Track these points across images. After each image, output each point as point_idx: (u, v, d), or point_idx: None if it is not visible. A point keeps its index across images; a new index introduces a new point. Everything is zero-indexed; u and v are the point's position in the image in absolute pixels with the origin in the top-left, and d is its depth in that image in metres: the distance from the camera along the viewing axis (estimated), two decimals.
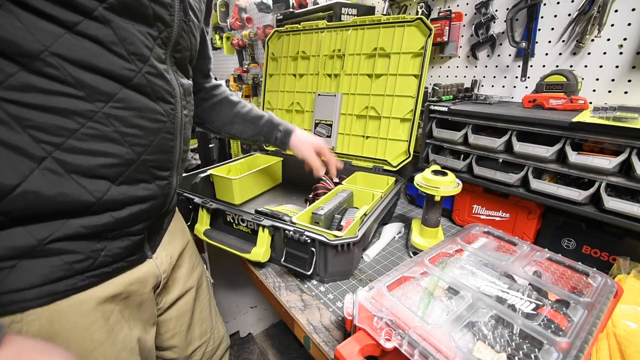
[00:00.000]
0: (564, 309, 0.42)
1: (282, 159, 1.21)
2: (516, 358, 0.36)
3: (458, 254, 0.57)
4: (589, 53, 0.83)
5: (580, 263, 0.52)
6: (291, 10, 1.54)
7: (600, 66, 0.81)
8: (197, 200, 0.82)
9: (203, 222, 0.82)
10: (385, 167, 1.00)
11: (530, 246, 0.57)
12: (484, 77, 1.06)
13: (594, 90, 0.83)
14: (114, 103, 0.42)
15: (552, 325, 0.40)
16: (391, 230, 0.87)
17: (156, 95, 0.46)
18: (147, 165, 0.47)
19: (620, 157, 0.59)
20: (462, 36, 1.08)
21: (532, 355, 0.35)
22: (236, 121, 0.83)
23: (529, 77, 0.94)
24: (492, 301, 0.43)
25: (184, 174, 1.01)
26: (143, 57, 0.43)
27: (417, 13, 1.12)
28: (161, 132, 0.48)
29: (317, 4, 1.46)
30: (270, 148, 1.26)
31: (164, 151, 0.50)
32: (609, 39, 0.79)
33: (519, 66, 0.96)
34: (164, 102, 0.48)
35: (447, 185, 0.71)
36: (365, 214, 0.74)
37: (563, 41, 0.86)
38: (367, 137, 1.05)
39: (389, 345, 0.38)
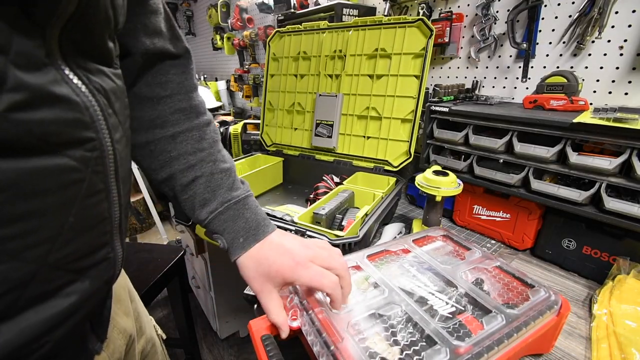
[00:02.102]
0: (485, 316, 0.42)
1: (282, 159, 1.21)
2: (404, 353, 0.37)
3: (403, 253, 0.57)
4: (589, 54, 0.83)
5: (531, 277, 0.51)
6: (292, 10, 1.54)
7: (601, 67, 0.81)
8: None
9: None
10: (386, 168, 1.00)
11: (484, 254, 0.57)
12: (485, 77, 1.06)
13: (595, 92, 0.83)
14: None
15: (462, 330, 0.40)
16: (392, 231, 0.87)
17: (50, 140, 0.24)
18: (60, 264, 0.27)
19: (620, 158, 0.59)
20: (463, 37, 1.08)
21: (422, 353, 0.36)
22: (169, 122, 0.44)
23: (529, 78, 0.95)
24: (409, 300, 0.44)
25: None
26: None
27: (418, 14, 1.13)
28: (77, 199, 0.27)
29: (319, 4, 1.46)
30: (272, 148, 1.26)
31: (91, 225, 0.30)
32: (609, 41, 0.79)
33: (519, 67, 0.96)
34: (72, 145, 0.26)
35: (448, 186, 0.71)
36: (366, 214, 0.74)
37: (564, 42, 0.87)
38: (368, 137, 1.05)
39: (294, 324, 0.40)
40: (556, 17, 0.87)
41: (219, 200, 0.45)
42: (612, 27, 0.78)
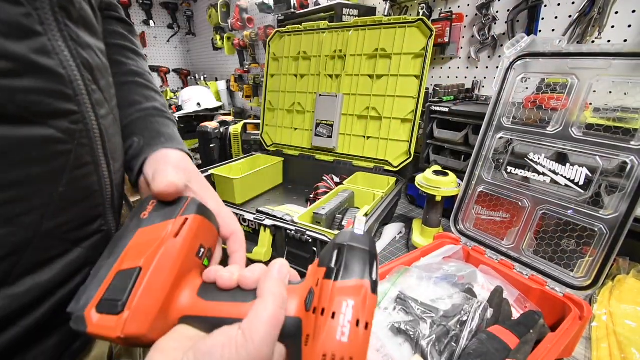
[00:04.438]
0: (515, 326, 0.41)
1: (282, 159, 1.22)
2: None
3: (417, 262, 0.55)
4: None
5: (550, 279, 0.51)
6: (292, 10, 1.55)
7: None
8: None
9: None
10: (386, 168, 1.00)
11: (495, 257, 0.56)
12: (485, 78, 1.06)
13: (594, 91, 0.83)
14: None
15: (497, 344, 0.38)
16: (392, 231, 0.87)
17: (34, 109, 0.25)
18: (56, 233, 0.29)
19: (620, 158, 0.59)
20: (463, 37, 1.09)
21: None
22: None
23: (529, 78, 0.95)
24: (438, 315, 0.42)
25: None
26: None
27: (418, 14, 1.13)
28: (66, 170, 0.28)
29: (319, 4, 1.46)
30: (272, 148, 1.26)
31: (82, 197, 0.30)
32: (609, 41, 0.79)
33: None
34: (56, 116, 0.27)
35: (448, 186, 0.71)
36: (366, 214, 0.74)
37: None
38: (368, 137, 1.05)
39: None
40: (556, 17, 0.87)
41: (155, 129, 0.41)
42: (612, 27, 0.78)
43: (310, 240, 0.64)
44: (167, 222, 0.28)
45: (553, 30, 0.88)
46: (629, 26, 0.76)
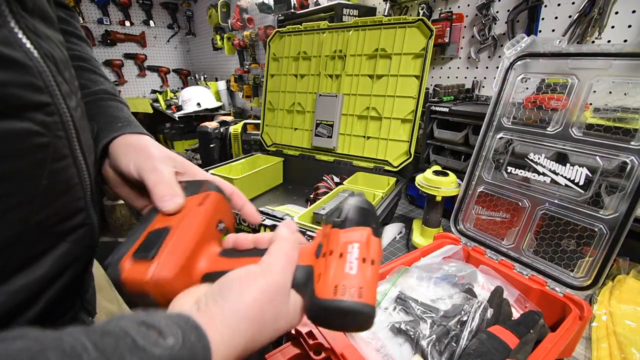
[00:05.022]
0: (515, 325, 0.41)
1: (282, 159, 1.22)
2: None
3: (417, 262, 0.55)
4: None
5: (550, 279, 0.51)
6: (292, 11, 1.55)
7: None
8: None
9: None
10: (386, 168, 1.00)
11: (496, 257, 0.56)
12: (485, 78, 1.06)
13: (594, 92, 0.83)
14: None
15: (497, 344, 0.38)
16: (392, 231, 0.87)
17: (9, 102, 0.25)
18: (42, 228, 0.29)
19: (620, 158, 0.59)
20: (463, 37, 1.09)
21: None
22: None
23: (529, 78, 0.95)
24: (438, 315, 0.42)
25: None
26: None
27: (418, 14, 1.13)
28: (47, 162, 0.28)
29: (319, 4, 1.46)
30: (272, 148, 1.26)
31: (64, 189, 0.31)
32: (609, 41, 0.79)
33: None
34: (31, 108, 0.26)
35: (448, 186, 0.71)
36: None
37: None
38: (368, 137, 1.05)
39: (317, 357, 0.38)
40: (556, 18, 0.87)
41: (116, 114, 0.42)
42: (612, 27, 0.78)
43: (311, 240, 0.64)
44: (192, 197, 0.33)
45: (553, 30, 0.88)
46: (629, 26, 0.76)
